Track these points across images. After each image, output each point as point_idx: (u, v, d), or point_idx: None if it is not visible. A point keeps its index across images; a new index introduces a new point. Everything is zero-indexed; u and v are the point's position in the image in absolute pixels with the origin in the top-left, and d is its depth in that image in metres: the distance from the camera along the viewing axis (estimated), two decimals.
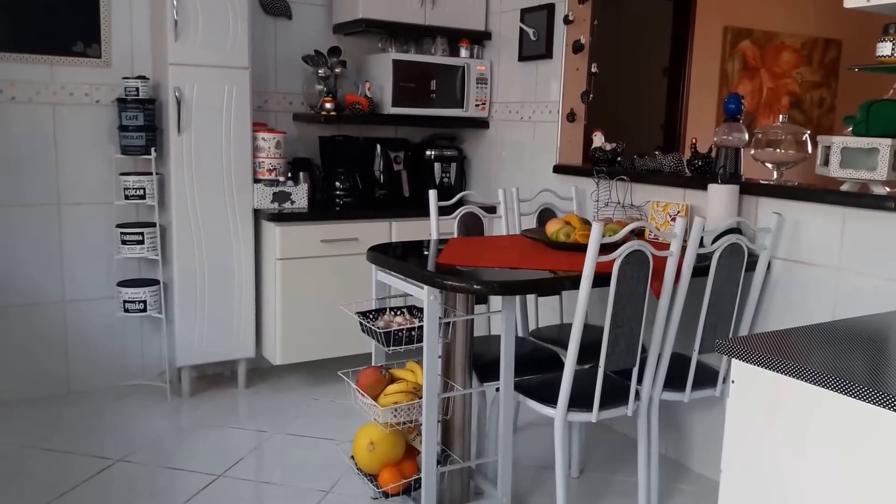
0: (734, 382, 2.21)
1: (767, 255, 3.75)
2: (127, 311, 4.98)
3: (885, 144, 3.33)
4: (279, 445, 4.48)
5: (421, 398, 3.39)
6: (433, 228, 4.34)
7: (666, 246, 3.38)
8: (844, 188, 3.54)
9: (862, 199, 3.41)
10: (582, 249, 3.22)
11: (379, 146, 5.68)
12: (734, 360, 2.19)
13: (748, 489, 2.20)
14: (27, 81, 4.80)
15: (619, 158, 4.77)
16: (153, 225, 4.99)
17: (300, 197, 5.20)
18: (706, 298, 3.53)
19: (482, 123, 5.86)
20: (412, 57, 5.56)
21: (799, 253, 3.68)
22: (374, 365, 3.73)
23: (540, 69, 5.32)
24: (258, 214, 5.12)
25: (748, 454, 2.20)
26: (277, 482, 4.05)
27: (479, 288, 3.17)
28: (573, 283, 3.19)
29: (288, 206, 5.16)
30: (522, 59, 5.46)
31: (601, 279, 3.17)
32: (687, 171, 4.33)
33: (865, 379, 1.92)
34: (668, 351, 3.52)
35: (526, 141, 5.49)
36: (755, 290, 3.78)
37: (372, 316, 3.66)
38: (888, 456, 1.85)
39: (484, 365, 3.74)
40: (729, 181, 3.92)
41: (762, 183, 3.92)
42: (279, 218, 4.99)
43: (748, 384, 2.17)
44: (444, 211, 4.40)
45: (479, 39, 5.81)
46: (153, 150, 4.88)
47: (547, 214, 4.61)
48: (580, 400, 3.33)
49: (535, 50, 5.33)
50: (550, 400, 3.33)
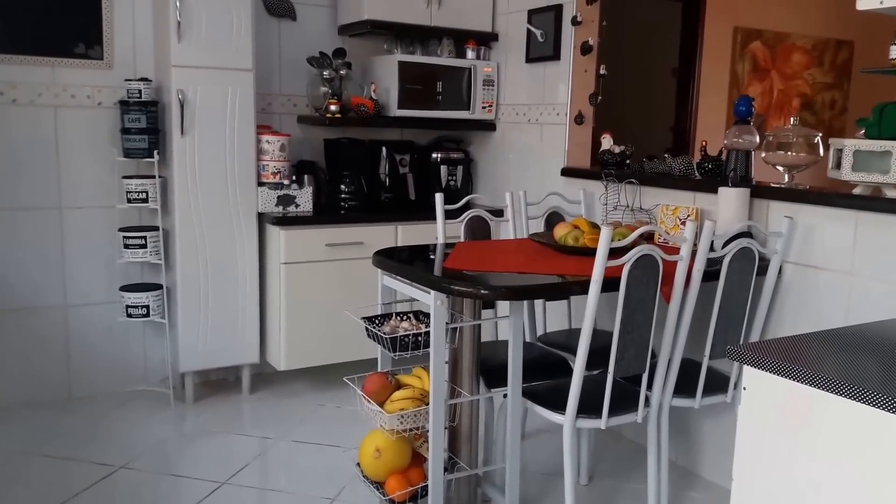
0: (745, 389, 2.21)
1: (779, 259, 3.75)
2: (129, 315, 4.98)
3: None
4: (284, 452, 4.48)
5: (427, 404, 3.39)
6: (440, 232, 4.34)
7: (676, 250, 3.37)
8: (857, 191, 3.54)
9: (875, 202, 3.41)
10: (591, 254, 3.21)
11: (384, 149, 5.68)
12: (745, 366, 2.19)
13: (760, 498, 2.20)
14: (28, 83, 4.82)
15: (627, 161, 4.77)
16: (156, 229, 5.00)
17: (305, 200, 5.21)
18: (717, 303, 3.53)
19: (489, 126, 5.87)
20: (418, 58, 5.56)
21: (811, 257, 3.68)
22: (379, 371, 3.73)
23: (547, 71, 5.33)
24: (262, 218, 5.13)
25: (760, 462, 2.19)
26: (282, 489, 4.05)
27: (486, 293, 3.17)
28: (582, 287, 3.19)
29: (292, 209, 5.16)
30: (530, 60, 5.47)
31: (610, 284, 3.17)
32: (697, 174, 4.33)
33: (879, 385, 1.92)
34: (678, 356, 3.52)
35: (533, 143, 5.49)
36: (766, 294, 3.78)
37: (378, 321, 3.65)
38: None
39: (491, 370, 3.74)
40: (739, 184, 3.92)
41: (773, 186, 3.92)
42: (283, 221, 4.99)
43: (760, 391, 2.17)
44: (450, 214, 4.41)
45: (485, 41, 5.81)
46: (156, 152, 4.88)
47: (555, 218, 4.60)
48: (589, 406, 3.32)
49: (542, 51, 5.33)
50: (559, 406, 3.33)
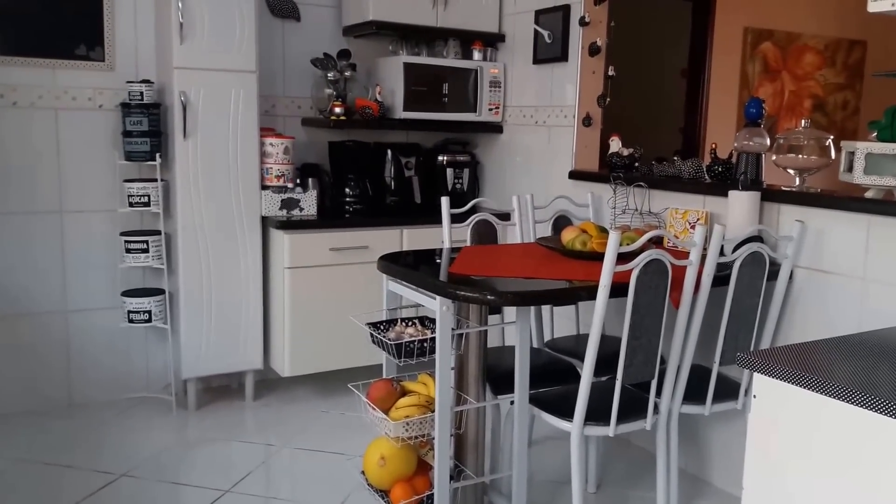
0: (756, 397, 2.20)
1: (790, 264, 3.74)
2: (131, 321, 4.99)
3: None
4: (287, 460, 4.48)
5: (433, 412, 3.38)
6: (445, 236, 4.34)
7: (685, 255, 3.37)
8: (869, 195, 3.53)
9: (887, 206, 3.40)
10: (599, 258, 3.20)
11: (390, 151, 5.68)
12: (755, 373, 2.19)
13: None
14: (29, 86, 4.82)
15: (636, 164, 4.76)
16: (158, 233, 5.01)
17: (309, 204, 5.21)
18: (727, 309, 3.52)
19: (496, 128, 5.87)
20: (424, 60, 5.56)
21: (822, 262, 3.67)
22: (384, 377, 3.72)
23: (555, 72, 5.32)
24: (266, 222, 5.13)
25: (771, 472, 2.19)
26: (286, 498, 4.05)
27: (493, 298, 3.16)
28: (590, 293, 3.18)
29: (296, 213, 5.16)
30: (537, 61, 5.46)
31: (618, 289, 3.16)
32: (707, 177, 4.32)
33: (892, 394, 1.91)
34: (687, 363, 3.51)
35: (541, 146, 5.49)
36: (777, 300, 3.77)
37: (383, 327, 3.65)
38: None
39: (498, 377, 3.73)
40: (750, 188, 3.91)
41: (784, 190, 3.91)
42: (287, 225, 4.99)
43: (770, 399, 2.17)
44: (456, 218, 4.40)
45: (492, 42, 5.81)
46: (158, 156, 4.89)
47: (562, 222, 4.60)
48: (597, 413, 3.32)
49: (550, 52, 5.33)
50: (566, 413, 3.33)
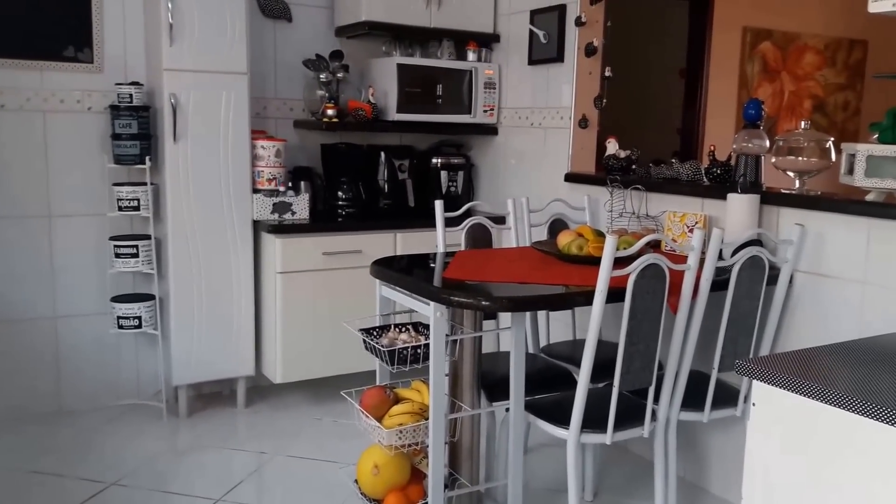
0: (755, 405, 2.19)
1: (789, 268, 3.73)
2: (121, 327, 4.98)
3: None
4: (280, 468, 4.46)
5: (427, 419, 3.38)
6: (439, 240, 4.33)
7: (683, 259, 3.36)
8: (870, 198, 3.53)
9: (889, 209, 3.39)
10: (595, 263, 3.19)
11: (383, 154, 5.67)
12: (755, 381, 2.18)
13: None
14: (16, 88, 4.81)
15: (633, 166, 4.75)
16: (148, 237, 4.98)
17: (301, 207, 5.19)
18: (725, 314, 3.51)
19: (490, 130, 5.85)
20: (417, 61, 5.56)
21: (823, 266, 3.66)
22: (378, 384, 3.71)
23: (551, 73, 5.31)
24: (257, 226, 5.12)
25: (770, 481, 2.18)
26: None
27: (487, 304, 3.16)
28: (586, 298, 3.18)
29: (288, 217, 5.15)
30: (532, 62, 5.45)
31: (615, 294, 3.15)
32: (705, 179, 4.31)
33: (894, 402, 1.90)
34: (685, 369, 3.50)
35: (536, 148, 5.48)
36: (777, 304, 3.76)
37: (376, 333, 3.64)
38: None
39: (493, 383, 3.72)
40: (749, 190, 3.90)
41: (784, 192, 3.90)
42: (279, 230, 4.98)
43: (770, 407, 2.16)
44: (450, 222, 4.39)
45: (486, 42, 5.80)
46: (148, 159, 4.88)
47: (558, 225, 4.59)
48: (594, 420, 3.30)
49: (545, 53, 5.32)
50: (563, 421, 3.31)
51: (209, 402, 5.35)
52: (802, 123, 3.99)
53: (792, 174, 3.97)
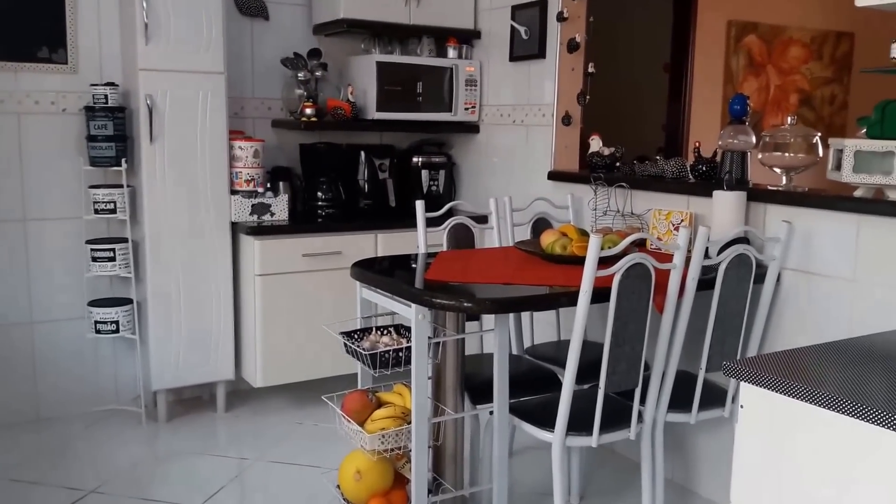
0: (743, 407, 2.17)
1: (777, 266, 3.71)
2: (98, 332, 4.94)
3: None
4: (261, 473, 4.43)
5: (410, 423, 3.35)
6: (421, 241, 4.30)
7: (669, 257, 3.33)
8: (858, 194, 3.51)
9: (877, 205, 3.37)
10: (579, 262, 3.17)
11: (363, 153, 5.64)
12: (743, 383, 2.15)
13: None
14: None
15: (617, 164, 4.73)
16: (125, 240, 4.94)
17: (280, 209, 5.16)
18: (712, 313, 3.49)
19: (472, 128, 5.83)
20: (397, 58, 5.52)
21: (811, 264, 3.64)
22: (359, 388, 3.69)
23: (533, 70, 5.29)
24: (236, 228, 5.08)
25: (760, 484, 2.15)
26: None
27: (470, 306, 3.14)
28: (570, 299, 3.15)
29: (267, 218, 5.11)
30: (514, 59, 5.43)
31: (600, 294, 3.13)
32: (690, 176, 4.30)
33: (884, 403, 1.88)
34: (672, 369, 3.48)
35: (518, 146, 5.45)
36: (765, 303, 3.73)
37: (357, 336, 3.62)
38: None
39: (476, 386, 3.70)
40: (735, 187, 3.87)
41: (770, 189, 3.89)
42: (258, 231, 4.95)
43: (758, 409, 2.13)
44: (432, 222, 4.36)
45: (467, 39, 5.77)
46: (124, 160, 4.84)
47: (542, 225, 4.57)
48: (579, 423, 3.28)
49: (527, 49, 5.29)
50: (548, 423, 3.29)
51: (189, 406, 5.30)
52: (789, 118, 3.97)
53: (779, 170, 3.95)
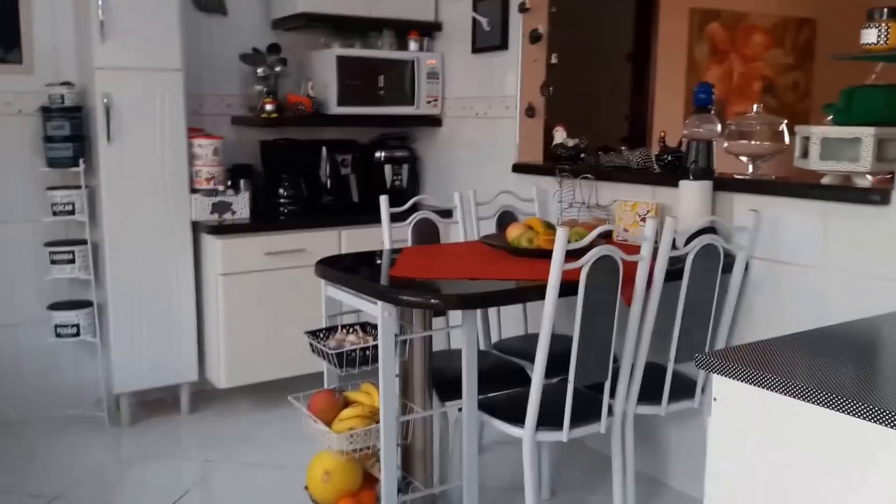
0: (716, 400, 2.16)
1: (745, 255, 3.71)
2: (59, 335, 4.91)
3: (867, 134, 3.30)
4: (227, 476, 4.40)
5: (378, 422, 3.33)
6: (385, 237, 4.29)
7: (636, 249, 3.33)
8: (825, 181, 3.52)
9: (845, 192, 3.38)
10: (546, 256, 3.16)
11: (325, 149, 5.61)
12: (715, 375, 2.15)
13: None
14: None
15: (582, 155, 4.72)
16: (84, 242, 4.90)
17: (241, 207, 5.12)
18: (680, 304, 3.49)
19: (435, 121, 5.82)
20: (357, 52, 5.50)
21: (779, 252, 3.65)
22: (326, 388, 3.67)
23: (495, 61, 5.28)
24: (197, 227, 5.03)
25: (734, 477, 2.15)
26: None
27: (437, 302, 3.14)
28: (538, 293, 3.14)
29: (228, 216, 5.08)
30: (476, 51, 5.42)
31: (568, 288, 3.12)
32: (656, 166, 4.30)
33: (855, 392, 1.88)
34: (641, 362, 3.48)
35: (482, 139, 5.44)
36: (733, 292, 3.74)
37: (322, 335, 3.59)
38: (884, 474, 1.81)
39: (444, 382, 3.67)
40: (701, 177, 3.87)
41: (737, 178, 3.90)
42: (219, 230, 4.91)
43: (731, 402, 2.13)
44: (396, 217, 4.35)
45: (428, 31, 5.76)
46: (82, 161, 4.79)
47: (507, 218, 4.55)
48: (549, 417, 3.27)
49: (489, 41, 5.28)
50: (517, 419, 3.28)
51: (152, 409, 5.25)
52: (754, 106, 3.98)
53: (745, 159, 3.95)
